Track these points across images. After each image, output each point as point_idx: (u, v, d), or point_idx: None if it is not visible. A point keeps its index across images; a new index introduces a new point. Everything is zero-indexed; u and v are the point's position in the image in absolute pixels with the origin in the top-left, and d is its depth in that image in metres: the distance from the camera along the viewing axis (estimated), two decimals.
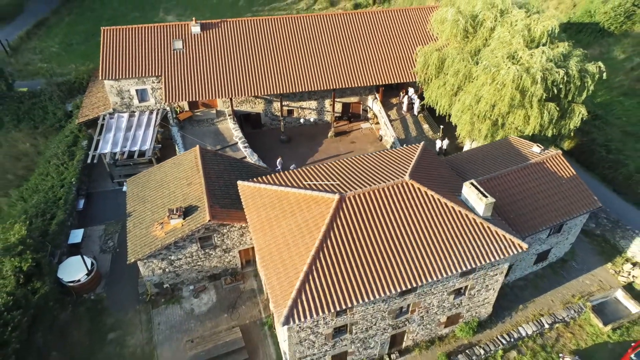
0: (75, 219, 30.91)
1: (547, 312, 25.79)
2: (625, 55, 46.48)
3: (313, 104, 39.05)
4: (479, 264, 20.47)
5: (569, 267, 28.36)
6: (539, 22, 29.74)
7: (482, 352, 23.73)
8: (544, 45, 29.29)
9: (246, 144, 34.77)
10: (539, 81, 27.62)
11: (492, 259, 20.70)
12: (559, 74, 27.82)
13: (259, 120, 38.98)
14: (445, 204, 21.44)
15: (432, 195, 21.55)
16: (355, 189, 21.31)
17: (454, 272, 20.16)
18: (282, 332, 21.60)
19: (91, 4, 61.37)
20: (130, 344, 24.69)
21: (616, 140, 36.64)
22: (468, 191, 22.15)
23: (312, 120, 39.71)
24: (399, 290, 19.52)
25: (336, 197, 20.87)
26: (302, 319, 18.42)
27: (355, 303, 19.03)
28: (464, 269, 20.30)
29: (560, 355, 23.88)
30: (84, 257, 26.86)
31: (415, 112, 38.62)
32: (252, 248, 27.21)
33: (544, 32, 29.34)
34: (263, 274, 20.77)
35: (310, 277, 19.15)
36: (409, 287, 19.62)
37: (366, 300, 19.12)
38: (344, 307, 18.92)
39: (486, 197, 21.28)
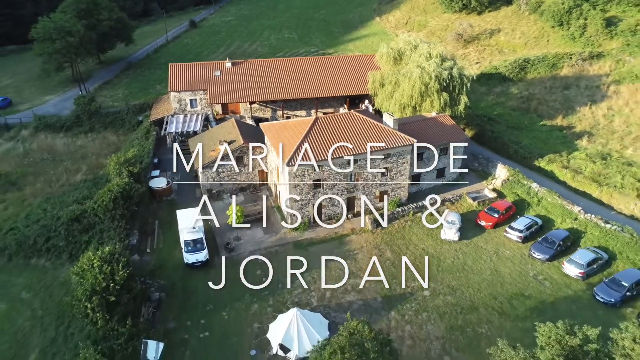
0: (152, 168, 48.92)
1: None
2: (518, 91, 67.95)
3: (303, 112, 58.97)
4: (390, 146, 38.80)
5: (460, 184, 46.18)
6: (434, 49, 50.84)
7: (400, 210, 40.84)
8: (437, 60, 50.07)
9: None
10: (434, 78, 47.77)
11: (397, 144, 39.10)
12: (445, 74, 48.12)
13: None
14: (372, 122, 40.31)
15: (364, 118, 40.48)
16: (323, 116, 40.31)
17: (378, 148, 38.44)
18: (284, 191, 39.08)
19: (142, 72, 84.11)
20: None
21: (501, 130, 56.30)
22: (386, 117, 41.15)
23: None
24: (345, 157, 37.64)
25: (313, 118, 39.82)
26: (296, 162, 36.40)
27: (323, 158, 37.11)
28: (384, 146, 38.59)
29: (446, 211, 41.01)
30: (164, 175, 44.85)
31: None
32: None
33: (438, 54, 50.21)
34: (274, 148, 38.95)
35: (301, 146, 37.39)
36: (351, 155, 37.76)
37: (329, 157, 37.17)
38: (318, 159, 36.94)
39: (390, 114, 40.24)
